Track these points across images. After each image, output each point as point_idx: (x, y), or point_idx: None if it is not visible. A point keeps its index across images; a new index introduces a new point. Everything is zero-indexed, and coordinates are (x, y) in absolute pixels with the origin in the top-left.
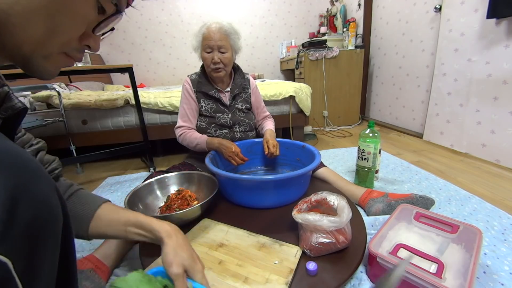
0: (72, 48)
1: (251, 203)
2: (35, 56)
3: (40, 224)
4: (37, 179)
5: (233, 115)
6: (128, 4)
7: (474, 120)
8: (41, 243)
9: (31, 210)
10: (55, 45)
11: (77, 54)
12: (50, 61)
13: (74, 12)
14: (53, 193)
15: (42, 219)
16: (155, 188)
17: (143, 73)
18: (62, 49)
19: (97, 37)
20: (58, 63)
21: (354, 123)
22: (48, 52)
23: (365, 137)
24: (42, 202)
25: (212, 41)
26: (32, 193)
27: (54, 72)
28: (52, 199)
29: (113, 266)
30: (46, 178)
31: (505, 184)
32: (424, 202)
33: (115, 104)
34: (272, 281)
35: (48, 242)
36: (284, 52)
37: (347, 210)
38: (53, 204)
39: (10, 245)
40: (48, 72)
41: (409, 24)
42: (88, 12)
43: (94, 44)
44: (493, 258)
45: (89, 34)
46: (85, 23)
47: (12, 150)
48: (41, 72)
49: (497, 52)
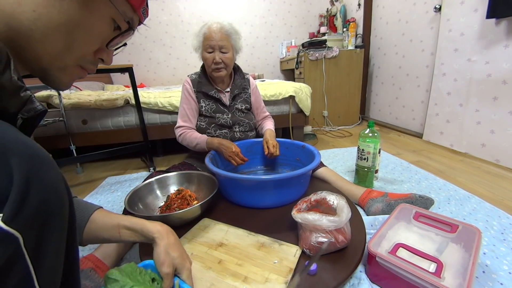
0: (87, 61)
1: (251, 203)
2: (52, 68)
3: (49, 206)
4: (46, 166)
5: (233, 115)
6: (140, 22)
7: (474, 120)
8: (49, 224)
9: (42, 193)
10: (72, 59)
11: (91, 66)
12: (66, 73)
13: (91, 29)
14: (61, 180)
15: (51, 202)
16: (155, 187)
17: (143, 73)
18: (77, 62)
19: (110, 51)
20: (73, 75)
21: (354, 123)
22: (64, 64)
23: (365, 137)
24: (51, 187)
25: (213, 41)
26: (42, 178)
27: (69, 83)
28: (60, 185)
29: (113, 265)
30: (54, 167)
31: (505, 184)
32: (423, 202)
33: (115, 104)
34: (271, 281)
35: (56, 223)
36: (284, 52)
37: (347, 209)
38: (60, 189)
39: (22, 223)
40: (63, 83)
41: (409, 24)
42: (103, 29)
43: (107, 58)
44: (492, 257)
45: (103, 48)
46: (100, 39)
47: (26, 140)
48: (57, 83)
49: (497, 52)
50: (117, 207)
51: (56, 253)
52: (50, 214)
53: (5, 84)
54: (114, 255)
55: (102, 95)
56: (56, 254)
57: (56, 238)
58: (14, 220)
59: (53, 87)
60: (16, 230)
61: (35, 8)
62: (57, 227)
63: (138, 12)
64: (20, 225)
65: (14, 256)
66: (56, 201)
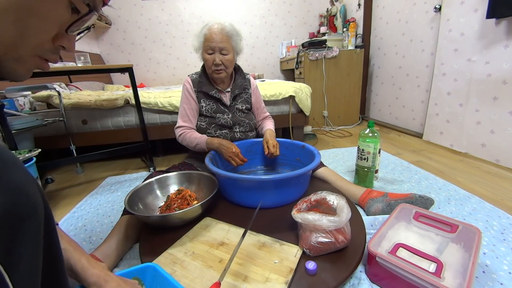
0: (45, 50)
1: (251, 203)
2: (6, 59)
3: (19, 210)
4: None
5: (233, 116)
6: (105, 3)
7: (474, 120)
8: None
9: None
10: (27, 48)
11: (52, 56)
12: (22, 63)
13: (45, 14)
14: (31, 183)
15: (21, 205)
16: (155, 187)
17: (143, 73)
18: (35, 52)
19: (71, 36)
20: (31, 66)
21: (354, 123)
22: (20, 54)
23: (365, 137)
24: (19, 190)
25: (214, 43)
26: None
27: (26, 74)
28: (30, 188)
29: (113, 265)
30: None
31: (505, 184)
32: (423, 202)
33: (115, 104)
34: (272, 280)
35: (29, 227)
36: (284, 52)
37: (347, 209)
38: (31, 192)
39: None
40: (19, 74)
41: (409, 24)
42: (60, 13)
43: (69, 44)
44: (492, 257)
45: (62, 34)
46: (57, 24)
47: None
48: (12, 74)
49: (497, 52)
50: (117, 207)
51: (32, 256)
52: (21, 218)
53: None
54: (114, 255)
55: (102, 95)
56: (32, 257)
57: (31, 241)
58: None
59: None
60: None
61: None
62: (30, 230)
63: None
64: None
65: None
66: (27, 204)
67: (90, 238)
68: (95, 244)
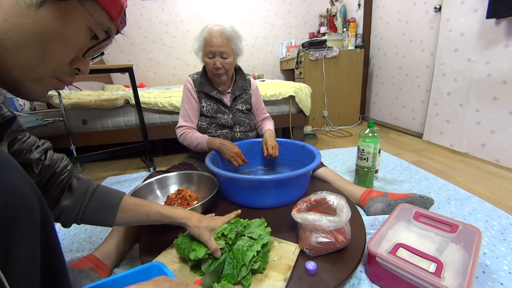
0: (62, 72)
1: (251, 203)
2: (25, 79)
3: (14, 211)
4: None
5: (234, 116)
6: (118, 31)
7: (474, 120)
8: (16, 229)
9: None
10: (47, 70)
11: (68, 78)
12: (41, 84)
13: (67, 39)
14: (26, 183)
15: (16, 206)
16: (155, 188)
17: (143, 73)
18: (53, 73)
19: (87, 60)
20: (48, 86)
21: (354, 123)
22: (39, 76)
23: (365, 137)
24: (13, 192)
25: (214, 47)
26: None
27: (42, 94)
28: (25, 189)
29: (113, 265)
30: (17, 170)
31: (505, 184)
32: (423, 202)
33: (115, 104)
34: (271, 277)
35: (24, 227)
36: (284, 52)
37: (347, 209)
38: (26, 193)
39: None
40: (37, 94)
41: (409, 24)
42: (80, 39)
43: (84, 68)
44: (492, 257)
45: (79, 58)
46: (77, 48)
47: None
48: (30, 94)
49: (497, 52)
50: None
51: (29, 256)
52: (16, 219)
53: None
54: (114, 255)
55: (102, 95)
56: (29, 257)
57: (27, 242)
58: None
59: (25, 98)
60: None
61: (6, 18)
62: (26, 231)
63: (116, 21)
64: None
65: None
66: (22, 205)
67: (90, 238)
68: (95, 244)
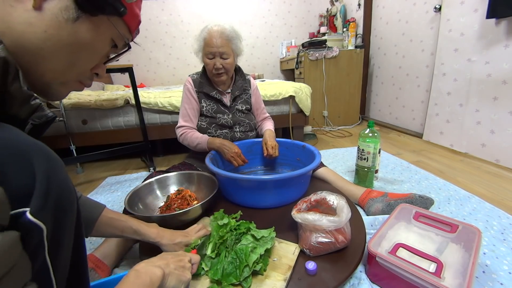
0: (85, 76)
1: (252, 203)
2: (54, 82)
3: (63, 203)
4: (59, 167)
5: (234, 116)
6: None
7: (474, 120)
8: (63, 219)
9: (59, 189)
10: (73, 75)
11: (88, 82)
12: (66, 87)
13: (94, 49)
14: (70, 180)
15: (65, 197)
16: (155, 188)
17: (143, 73)
18: (77, 78)
19: (104, 66)
20: (71, 88)
21: (354, 123)
22: (66, 79)
23: (365, 137)
24: (64, 184)
25: (214, 48)
26: (58, 176)
27: (65, 95)
28: (69, 185)
29: (113, 265)
30: (64, 167)
31: (505, 184)
32: (423, 202)
33: (115, 104)
34: (271, 277)
35: (67, 219)
36: (284, 52)
37: (347, 209)
38: (71, 188)
39: (46, 216)
40: (61, 95)
41: (409, 24)
42: (104, 48)
43: (102, 72)
44: (492, 257)
45: (99, 64)
46: (100, 57)
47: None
48: (55, 95)
49: (497, 52)
50: (117, 207)
51: (67, 246)
52: (63, 211)
53: (15, 93)
54: (114, 255)
55: (102, 95)
56: (67, 247)
57: (67, 233)
58: (40, 213)
59: (49, 98)
60: (42, 222)
61: (46, 29)
62: (68, 222)
63: (133, 33)
64: (44, 218)
65: (38, 246)
66: (68, 199)
67: (90, 238)
68: (95, 244)
